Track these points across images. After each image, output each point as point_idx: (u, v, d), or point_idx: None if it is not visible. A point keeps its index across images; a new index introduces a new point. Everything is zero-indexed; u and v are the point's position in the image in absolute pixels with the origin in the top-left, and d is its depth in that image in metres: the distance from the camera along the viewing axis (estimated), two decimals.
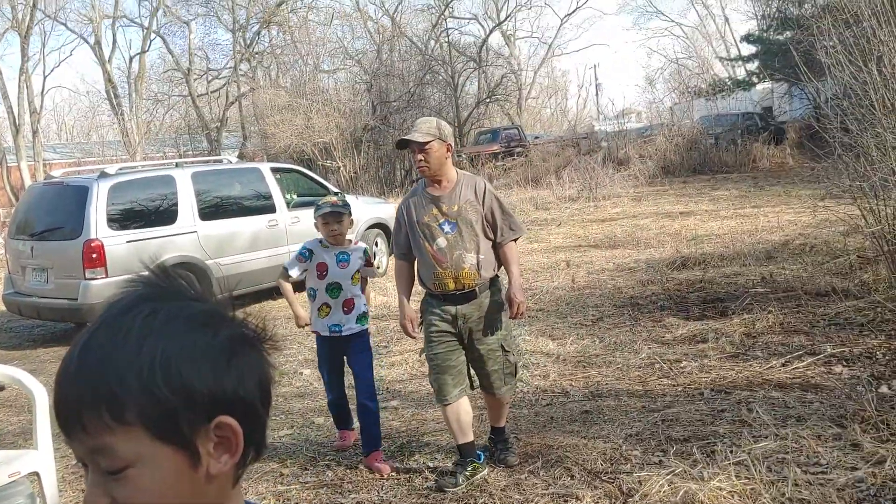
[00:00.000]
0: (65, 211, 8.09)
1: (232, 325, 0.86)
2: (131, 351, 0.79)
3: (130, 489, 0.79)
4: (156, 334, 0.80)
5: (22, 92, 31.34)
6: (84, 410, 0.79)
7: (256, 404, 0.85)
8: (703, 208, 14.07)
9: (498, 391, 3.91)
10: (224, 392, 0.82)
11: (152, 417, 0.79)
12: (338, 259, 4.29)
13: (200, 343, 0.82)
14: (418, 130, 3.82)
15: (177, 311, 0.83)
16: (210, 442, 0.82)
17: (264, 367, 0.87)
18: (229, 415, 0.82)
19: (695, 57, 44.83)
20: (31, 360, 7.46)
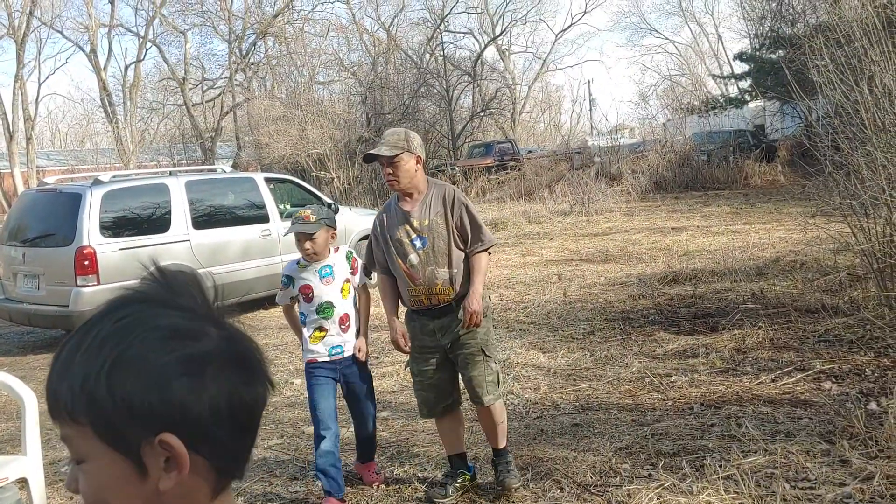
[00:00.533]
0: (57, 218, 8.08)
1: (201, 342, 0.84)
2: (88, 355, 0.81)
3: (85, 481, 0.84)
4: (114, 341, 0.81)
5: (16, 98, 31.33)
6: (53, 401, 0.83)
7: (208, 426, 0.82)
8: (694, 224, 14.12)
9: (484, 399, 3.74)
10: (169, 408, 0.80)
11: (96, 422, 0.81)
12: (321, 275, 3.91)
13: (156, 356, 0.81)
14: (386, 143, 3.73)
15: (146, 321, 0.83)
16: (160, 456, 0.81)
17: (235, 388, 0.84)
18: (174, 433, 0.80)
19: (688, 74, 45.16)
20: (20, 366, 7.43)
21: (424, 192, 3.78)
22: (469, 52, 38.02)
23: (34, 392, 3.33)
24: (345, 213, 10.58)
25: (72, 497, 4.15)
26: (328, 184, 25.31)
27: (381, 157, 3.70)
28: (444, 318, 3.73)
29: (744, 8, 31.45)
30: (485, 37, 39.19)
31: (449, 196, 3.75)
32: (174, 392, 0.81)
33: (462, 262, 3.74)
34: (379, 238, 3.87)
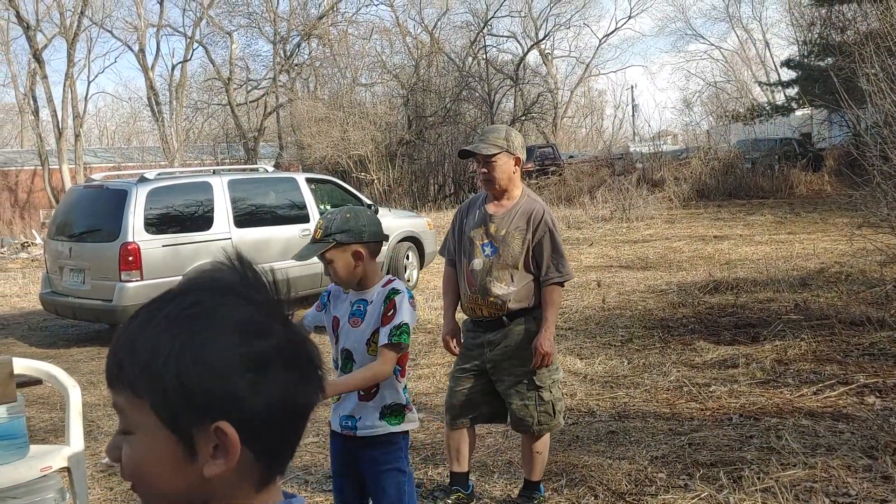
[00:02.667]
0: (103, 213, 8.23)
1: (270, 341, 0.85)
2: (156, 334, 0.83)
3: (127, 453, 0.85)
4: (183, 326, 0.83)
5: (66, 96, 31.99)
6: (114, 371, 0.86)
7: (261, 423, 0.84)
8: (737, 233, 13.94)
9: (533, 429, 3.55)
10: (228, 400, 0.82)
11: (157, 400, 0.82)
12: (352, 311, 2.71)
13: (223, 347, 0.83)
14: (485, 140, 3.51)
15: (218, 309, 0.85)
16: (211, 443, 0.83)
17: (291, 389, 0.86)
18: (230, 423, 0.82)
19: (733, 81, 44.55)
20: (64, 358, 7.58)
21: (515, 200, 3.57)
22: (512, 55, 37.98)
23: (78, 384, 3.40)
24: (385, 214, 10.63)
25: (112, 488, 4.23)
26: (368, 185, 25.47)
27: (477, 154, 3.51)
28: (495, 333, 3.55)
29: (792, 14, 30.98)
30: (528, 41, 39.11)
31: (536, 215, 3.52)
32: (237, 385, 0.82)
33: (525, 286, 3.52)
34: (455, 228, 3.74)
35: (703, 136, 30.99)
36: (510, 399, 3.56)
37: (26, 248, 18.84)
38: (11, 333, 9.19)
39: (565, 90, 43.90)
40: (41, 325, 9.68)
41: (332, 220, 2.66)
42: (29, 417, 3.53)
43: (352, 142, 26.17)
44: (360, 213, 2.71)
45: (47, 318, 9.67)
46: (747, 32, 44.43)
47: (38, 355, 7.45)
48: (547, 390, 3.55)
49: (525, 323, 3.54)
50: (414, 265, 10.78)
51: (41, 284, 8.99)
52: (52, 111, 31.72)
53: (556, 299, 3.54)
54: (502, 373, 3.55)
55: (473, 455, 3.95)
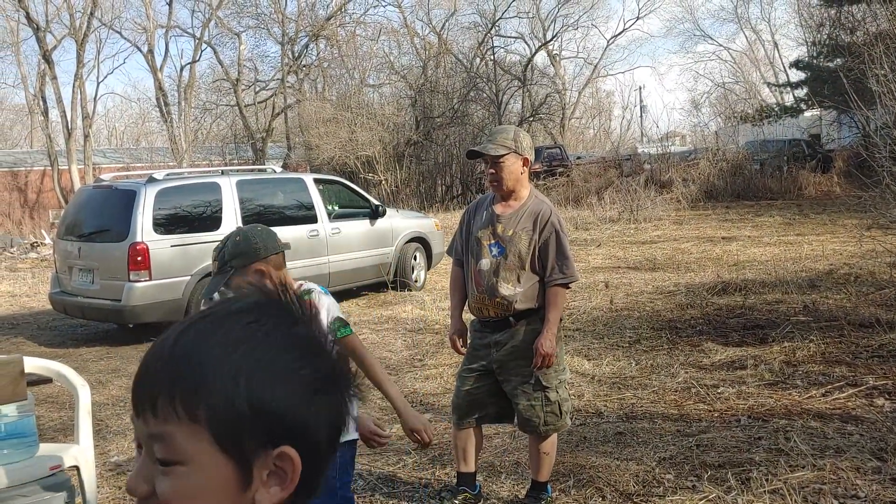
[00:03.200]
0: (112, 214, 8.26)
1: (325, 361, 0.83)
2: (224, 351, 0.78)
3: (172, 485, 0.77)
4: (252, 343, 0.79)
5: (75, 97, 32.12)
6: (161, 394, 0.77)
7: (322, 447, 0.82)
8: (745, 234, 13.90)
9: (540, 429, 3.55)
10: (296, 423, 0.79)
11: (221, 423, 0.76)
12: None
13: (291, 367, 0.79)
14: (493, 141, 3.51)
15: (279, 329, 0.81)
16: (266, 469, 0.79)
17: (342, 410, 0.84)
18: (294, 448, 0.79)
19: (742, 82, 44.46)
20: (73, 358, 7.61)
21: (523, 201, 3.58)
22: (519, 56, 37.97)
23: (87, 383, 3.41)
24: (392, 215, 10.65)
25: (120, 487, 4.24)
26: (376, 186, 25.49)
27: (485, 155, 3.51)
28: (502, 333, 3.55)
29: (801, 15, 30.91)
30: (536, 42, 39.09)
31: (543, 216, 3.52)
32: (300, 407, 0.79)
33: (531, 287, 3.53)
34: (463, 228, 3.75)
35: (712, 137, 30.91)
36: (516, 399, 3.56)
37: (36, 248, 18.92)
38: (21, 333, 9.24)
39: (573, 91, 43.88)
40: (50, 324, 9.72)
41: (223, 250, 2.61)
42: (38, 416, 3.54)
43: (359, 142, 26.20)
44: (250, 232, 2.64)
45: (56, 318, 9.71)
46: (756, 33, 44.33)
47: (47, 354, 7.48)
48: (553, 391, 3.54)
49: (531, 323, 3.53)
50: (421, 266, 10.79)
51: (50, 284, 9.03)
52: (62, 112, 31.85)
53: (559, 301, 3.53)
54: (509, 373, 3.55)
55: (480, 455, 3.95)
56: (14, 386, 1.74)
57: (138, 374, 0.81)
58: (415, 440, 2.78)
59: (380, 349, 7.26)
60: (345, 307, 9.59)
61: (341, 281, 9.65)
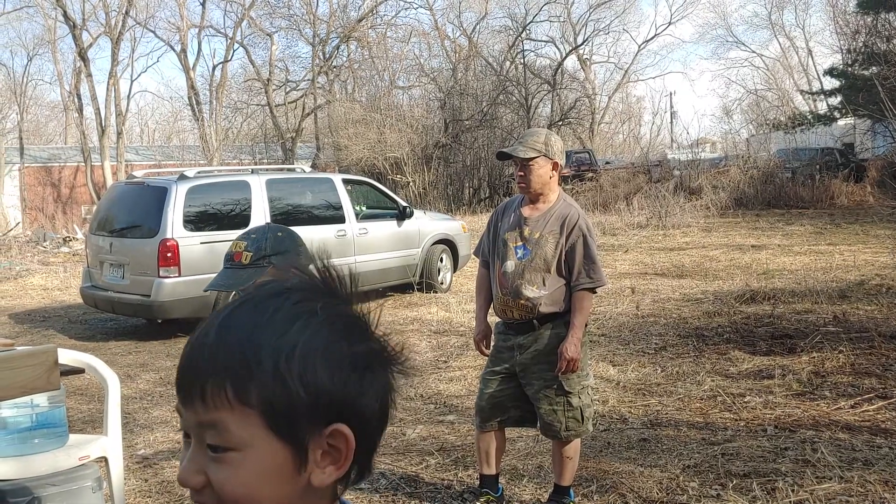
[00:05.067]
0: (144, 210, 8.37)
1: (371, 339, 0.84)
2: (274, 333, 0.77)
3: (227, 473, 0.76)
4: (301, 324, 0.78)
5: (110, 95, 32.56)
6: (210, 380, 0.76)
7: (373, 424, 0.82)
8: (775, 243, 13.76)
9: (561, 434, 3.53)
10: (348, 402, 0.79)
11: (275, 406, 0.76)
12: None
13: (340, 346, 0.79)
14: (524, 143, 3.52)
15: (325, 309, 0.81)
16: (319, 449, 0.78)
17: (389, 389, 0.84)
18: (347, 426, 0.79)
19: (774, 89, 43.97)
20: (103, 351, 7.71)
21: (551, 204, 3.57)
22: (550, 60, 37.86)
23: (117, 375, 3.46)
24: (419, 217, 10.67)
25: (147, 479, 4.30)
26: (404, 187, 25.55)
27: (515, 157, 3.52)
28: (525, 336, 3.54)
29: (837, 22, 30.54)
30: (566, 46, 38.99)
31: (571, 220, 3.51)
32: (353, 386, 0.79)
33: (557, 290, 3.51)
34: (491, 229, 3.75)
35: (743, 144, 30.62)
36: (539, 403, 3.55)
37: (68, 243, 19.20)
38: (52, 326, 9.38)
39: (603, 96, 43.70)
40: (81, 318, 9.86)
41: (262, 242, 2.34)
42: (68, 408, 3.60)
43: (388, 144, 26.29)
44: (290, 232, 2.43)
45: (87, 312, 9.84)
46: (790, 40, 43.81)
47: (77, 347, 7.58)
48: (576, 396, 3.52)
49: (555, 327, 3.52)
50: (448, 268, 10.80)
51: (82, 278, 9.16)
52: (96, 109, 32.30)
53: (585, 305, 3.51)
54: (531, 376, 3.54)
55: (503, 458, 3.95)
56: (48, 375, 1.77)
57: (183, 362, 0.80)
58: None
59: None
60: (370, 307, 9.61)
61: (367, 281, 9.68)
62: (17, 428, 3.16)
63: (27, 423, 3.17)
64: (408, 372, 0.86)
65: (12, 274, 14.09)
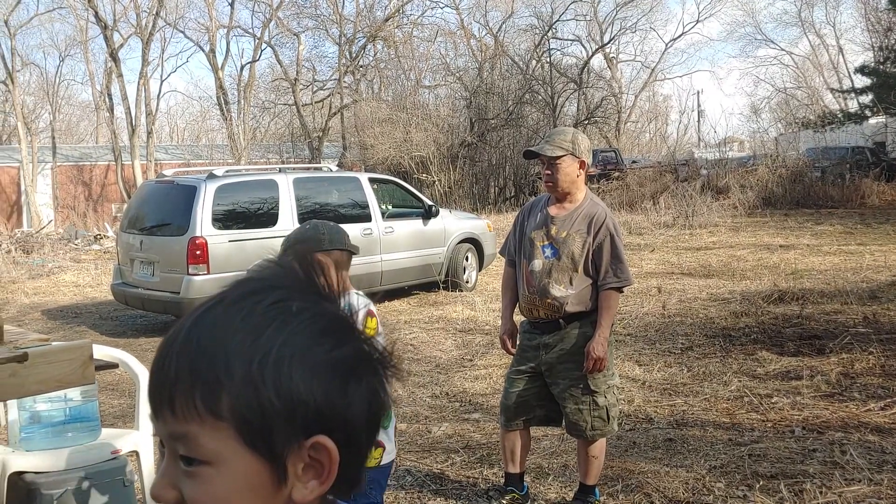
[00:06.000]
0: (173, 208, 8.48)
1: (356, 340, 0.76)
2: (246, 337, 0.70)
3: (200, 489, 0.70)
4: (276, 326, 0.71)
5: (140, 94, 32.98)
6: (177, 389, 0.70)
7: (361, 434, 0.74)
8: (804, 242, 13.61)
9: (587, 434, 3.53)
10: (330, 411, 0.71)
11: (247, 418, 0.69)
12: None
13: (320, 350, 0.72)
14: (550, 142, 3.52)
15: (305, 308, 0.73)
16: (301, 462, 0.72)
17: (379, 394, 0.76)
18: (330, 437, 0.71)
19: (804, 87, 43.46)
20: (134, 347, 7.82)
21: (578, 203, 3.57)
22: (576, 59, 37.69)
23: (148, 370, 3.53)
24: (445, 216, 10.70)
25: None
26: (429, 186, 25.58)
27: (542, 156, 3.52)
28: (551, 335, 3.55)
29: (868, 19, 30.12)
30: (593, 44, 38.81)
31: (598, 219, 3.51)
32: (339, 393, 0.72)
33: (584, 289, 3.51)
34: (517, 228, 3.76)
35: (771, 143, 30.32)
36: (564, 403, 3.55)
37: (99, 241, 19.47)
38: (84, 322, 9.53)
39: (629, 94, 43.45)
40: (111, 314, 10.01)
41: (289, 236, 2.84)
42: (100, 403, 3.66)
43: (414, 143, 26.34)
44: (320, 222, 2.81)
45: (118, 308, 9.98)
46: (820, 37, 43.29)
47: (108, 343, 7.69)
48: (602, 395, 3.52)
49: (582, 327, 3.52)
50: (473, 267, 10.81)
51: (112, 275, 9.30)
52: (127, 108, 32.70)
53: (612, 304, 3.52)
54: (557, 376, 3.55)
55: (529, 456, 3.96)
56: (83, 370, 1.82)
57: (151, 371, 0.73)
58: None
59: (430, 348, 7.31)
60: (395, 306, 9.67)
61: (393, 280, 9.73)
62: (50, 422, 3.23)
63: (61, 417, 3.24)
64: (400, 375, 0.78)
65: (45, 271, 14.33)
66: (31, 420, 3.20)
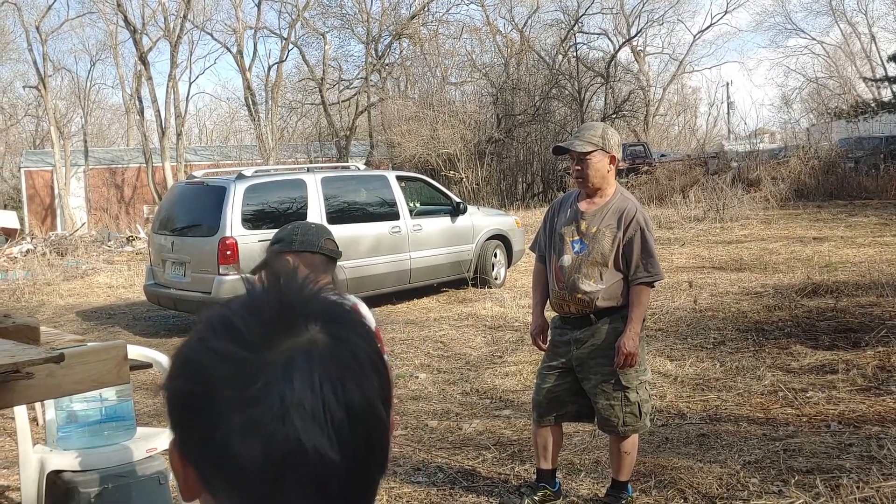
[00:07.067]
0: (204, 209, 8.55)
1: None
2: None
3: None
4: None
5: (169, 97, 33.31)
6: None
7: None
8: (838, 234, 13.41)
9: (619, 430, 3.53)
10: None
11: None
12: None
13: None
14: (580, 138, 3.51)
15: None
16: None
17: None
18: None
19: (836, 77, 42.80)
20: (166, 347, 7.87)
21: (608, 198, 3.56)
22: (603, 53, 37.45)
23: None
24: (473, 212, 10.69)
25: None
26: (457, 183, 25.58)
27: (571, 151, 3.51)
28: (582, 330, 3.54)
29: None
30: (619, 38, 38.50)
31: (628, 214, 3.50)
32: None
33: (614, 284, 3.50)
34: (547, 224, 3.76)
35: (803, 134, 29.90)
36: (596, 398, 3.54)
37: (131, 242, 19.72)
38: (117, 322, 9.66)
39: (657, 87, 43.04)
40: (144, 315, 10.13)
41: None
42: (135, 402, 3.71)
43: (441, 140, 26.34)
44: (301, 224, 2.84)
45: (150, 309, 10.10)
46: (851, 26, 42.55)
47: (141, 343, 7.79)
48: (634, 391, 3.51)
49: (612, 322, 3.51)
50: (502, 263, 10.79)
51: (145, 276, 9.41)
52: (156, 111, 33.11)
53: (643, 300, 3.50)
54: (588, 371, 3.53)
55: (560, 453, 3.95)
56: (118, 370, 1.84)
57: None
58: None
59: (459, 345, 7.32)
60: (425, 303, 9.69)
61: (422, 277, 9.75)
62: (87, 421, 3.28)
63: (97, 417, 3.29)
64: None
65: (79, 273, 14.54)
66: (68, 419, 3.25)
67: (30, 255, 16.83)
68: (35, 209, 34.83)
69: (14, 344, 1.74)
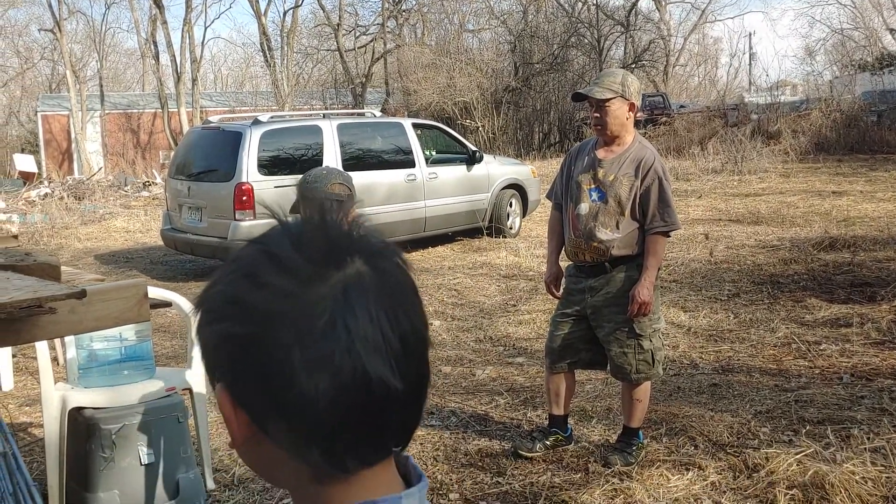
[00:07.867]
0: (220, 154, 8.56)
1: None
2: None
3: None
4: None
5: (184, 41, 33.12)
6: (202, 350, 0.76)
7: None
8: (857, 189, 13.26)
9: (631, 377, 3.55)
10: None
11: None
12: None
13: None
14: (599, 84, 3.47)
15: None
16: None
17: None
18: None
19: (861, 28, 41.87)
20: (182, 291, 7.92)
21: (626, 146, 3.53)
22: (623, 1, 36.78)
23: None
24: (489, 161, 10.63)
25: None
26: (473, 132, 25.41)
27: (590, 98, 3.47)
28: (597, 278, 3.54)
29: None
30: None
31: (646, 162, 3.47)
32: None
33: (630, 233, 3.49)
34: (564, 171, 3.73)
35: (826, 86, 29.37)
36: (609, 346, 3.57)
37: (148, 187, 19.80)
38: (135, 266, 9.75)
39: (678, 37, 42.29)
40: (161, 259, 10.22)
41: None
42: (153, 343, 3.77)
43: (458, 88, 26.08)
44: (325, 169, 3.33)
45: (167, 253, 10.19)
46: None
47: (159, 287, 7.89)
48: (647, 339, 3.53)
49: (627, 270, 3.52)
50: (517, 213, 10.77)
51: (162, 221, 9.47)
52: (172, 56, 32.92)
53: (658, 249, 3.50)
54: (602, 319, 3.55)
55: (573, 399, 3.99)
56: (139, 307, 1.87)
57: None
58: None
59: (474, 293, 7.35)
60: (439, 251, 9.71)
61: (437, 225, 9.75)
62: (107, 360, 3.34)
63: (117, 356, 3.35)
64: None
65: (97, 217, 14.65)
66: (89, 359, 3.31)
67: (48, 198, 16.95)
68: (52, 153, 34.94)
69: (37, 280, 1.76)
